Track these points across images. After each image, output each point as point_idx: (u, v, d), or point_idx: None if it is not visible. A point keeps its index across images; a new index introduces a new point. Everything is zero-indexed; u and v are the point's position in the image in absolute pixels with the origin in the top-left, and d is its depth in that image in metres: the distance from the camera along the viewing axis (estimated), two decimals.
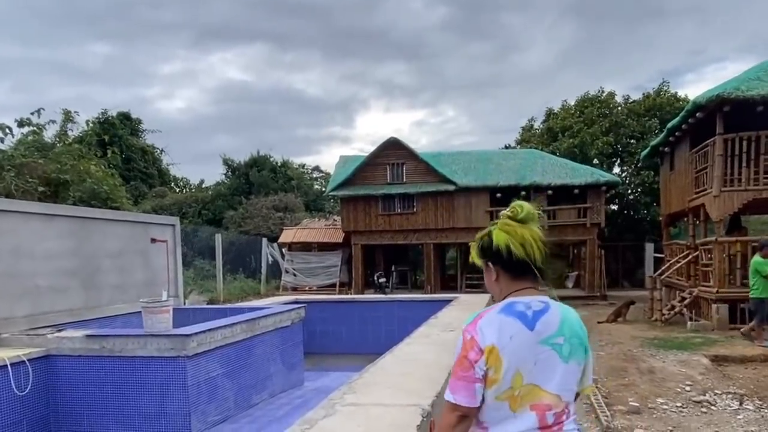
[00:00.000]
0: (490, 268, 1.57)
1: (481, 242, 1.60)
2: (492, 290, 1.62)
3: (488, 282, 1.61)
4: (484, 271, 1.62)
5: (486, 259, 1.58)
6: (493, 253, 1.53)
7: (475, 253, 1.62)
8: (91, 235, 6.27)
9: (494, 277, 1.57)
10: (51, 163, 13.92)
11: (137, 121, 34.28)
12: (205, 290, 16.65)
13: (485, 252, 1.57)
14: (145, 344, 4.80)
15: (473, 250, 1.63)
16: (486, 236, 1.58)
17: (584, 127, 23.66)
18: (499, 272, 1.55)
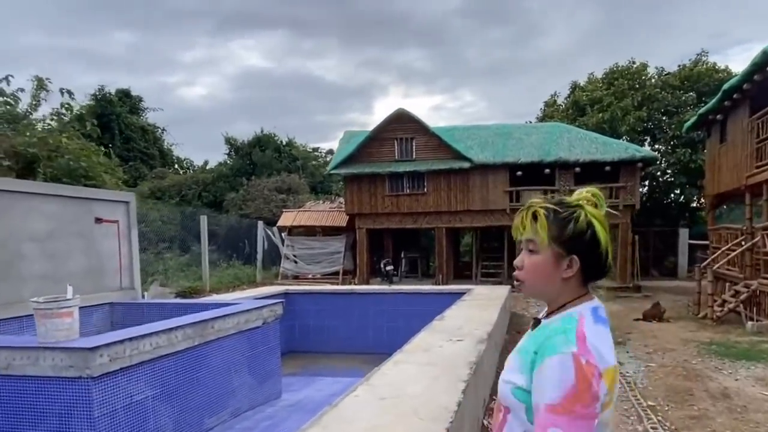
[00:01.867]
0: (567, 262, 1.20)
1: (566, 223, 1.20)
2: (546, 289, 1.25)
3: (548, 277, 1.23)
4: (543, 259, 1.22)
5: (568, 249, 1.20)
6: (581, 243, 1.19)
7: (547, 235, 1.20)
8: (5, 211, 4.88)
9: (569, 274, 1.21)
10: (19, 135, 12.66)
11: (137, 98, 32.98)
12: (196, 278, 15.31)
13: (571, 238, 1.19)
14: (37, 359, 3.44)
15: (543, 230, 1.21)
16: (572, 216, 1.20)
17: (614, 100, 21.74)
18: (576, 271, 1.21)
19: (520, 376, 1.19)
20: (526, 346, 1.23)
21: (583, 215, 1.21)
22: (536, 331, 1.26)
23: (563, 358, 1.11)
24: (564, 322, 1.19)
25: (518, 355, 1.24)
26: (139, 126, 31.26)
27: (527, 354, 1.19)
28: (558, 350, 1.12)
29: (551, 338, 1.16)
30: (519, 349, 1.26)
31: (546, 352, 1.14)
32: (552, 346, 1.14)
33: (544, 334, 1.20)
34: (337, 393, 5.93)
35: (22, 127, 13.27)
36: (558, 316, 1.23)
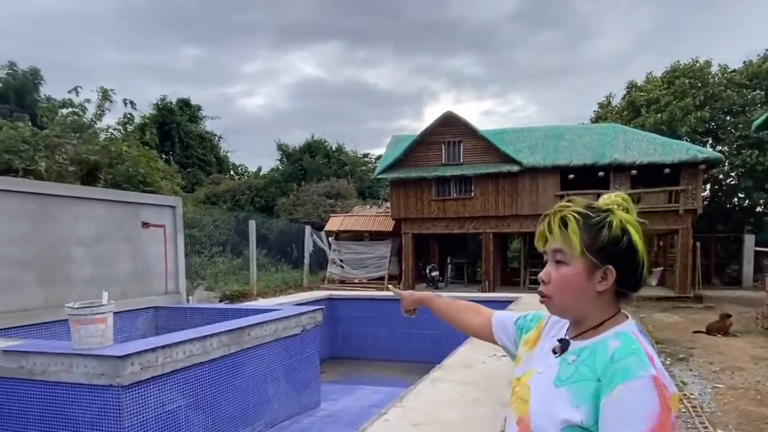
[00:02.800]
0: (602, 273, 1.08)
1: (599, 229, 1.07)
2: (578, 305, 1.11)
3: (580, 292, 1.09)
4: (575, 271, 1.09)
5: (602, 259, 1.07)
6: (617, 252, 1.07)
7: (579, 242, 1.07)
8: (55, 216, 5.03)
9: (603, 287, 1.08)
10: (84, 144, 13.30)
11: (196, 107, 34.19)
12: (245, 282, 15.56)
13: (605, 247, 1.07)
14: (71, 366, 3.45)
15: (575, 237, 1.07)
16: (605, 221, 1.08)
17: (673, 100, 20.67)
18: (611, 283, 1.08)
19: (575, 410, 1.01)
20: (574, 375, 1.06)
21: (616, 221, 1.09)
22: (580, 355, 1.09)
23: (644, 383, 0.95)
24: (625, 341, 1.04)
25: (565, 387, 1.06)
26: (197, 134, 32.38)
27: (584, 382, 1.03)
28: (635, 374, 0.96)
29: (620, 361, 0.99)
30: (559, 378, 1.09)
31: (618, 378, 0.97)
32: (625, 370, 0.97)
33: (600, 358, 1.03)
34: (375, 404, 5.80)
35: (87, 136, 13.93)
36: (604, 335, 1.08)
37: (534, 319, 1.36)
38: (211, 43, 62.64)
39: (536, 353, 1.24)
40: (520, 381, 1.21)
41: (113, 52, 54.02)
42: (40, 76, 26.01)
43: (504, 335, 1.42)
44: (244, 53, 65.01)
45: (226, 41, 64.06)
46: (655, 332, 10.29)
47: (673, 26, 54.58)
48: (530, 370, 1.20)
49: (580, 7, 61.99)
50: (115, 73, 51.29)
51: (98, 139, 13.87)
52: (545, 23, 68.65)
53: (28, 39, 47.66)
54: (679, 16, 55.12)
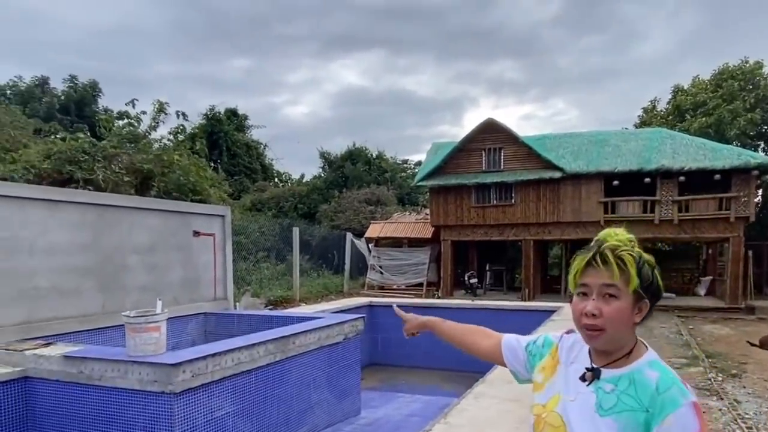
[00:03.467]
0: (639, 306, 1.19)
1: (642, 266, 1.18)
2: (624, 338, 1.19)
3: (628, 325, 1.18)
4: (627, 306, 1.17)
5: (645, 294, 1.18)
6: (652, 288, 1.20)
7: (637, 278, 1.16)
8: (113, 226, 5.28)
9: (638, 320, 1.20)
10: (139, 153, 13.89)
11: (243, 117, 35.16)
12: (288, 288, 15.87)
13: (648, 284, 1.19)
14: (126, 372, 3.62)
15: (634, 274, 1.16)
16: (644, 262, 1.19)
17: (722, 103, 19.93)
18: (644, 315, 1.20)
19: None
20: (618, 404, 1.14)
21: (645, 259, 1.20)
22: (617, 384, 1.17)
23: (688, 410, 1.09)
24: (663, 373, 1.15)
25: (611, 417, 1.13)
26: (243, 143, 33.28)
27: (631, 413, 1.12)
28: (680, 403, 1.09)
29: (666, 393, 1.11)
30: (602, 408, 1.15)
31: (667, 408, 1.09)
32: (672, 401, 1.10)
33: (643, 389, 1.13)
34: (415, 413, 5.85)
35: (141, 146, 14.54)
36: (638, 365, 1.18)
37: (545, 345, 1.40)
38: (258, 54, 64.73)
39: (559, 380, 1.28)
40: (546, 407, 1.26)
41: (167, 64, 56.67)
42: (99, 88, 27.31)
43: (514, 359, 1.47)
44: (289, 63, 66.77)
45: (272, 52, 66.01)
46: (704, 345, 9.94)
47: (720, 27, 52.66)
48: (555, 396, 1.26)
49: (624, 10, 60.69)
50: (168, 84, 53.82)
51: (151, 149, 14.45)
52: (588, 27, 67.50)
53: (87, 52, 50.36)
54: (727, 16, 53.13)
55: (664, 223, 15.94)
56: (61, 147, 12.76)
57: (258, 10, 62.09)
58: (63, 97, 25.91)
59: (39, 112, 23.48)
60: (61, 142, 13.56)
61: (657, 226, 16.00)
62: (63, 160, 12.03)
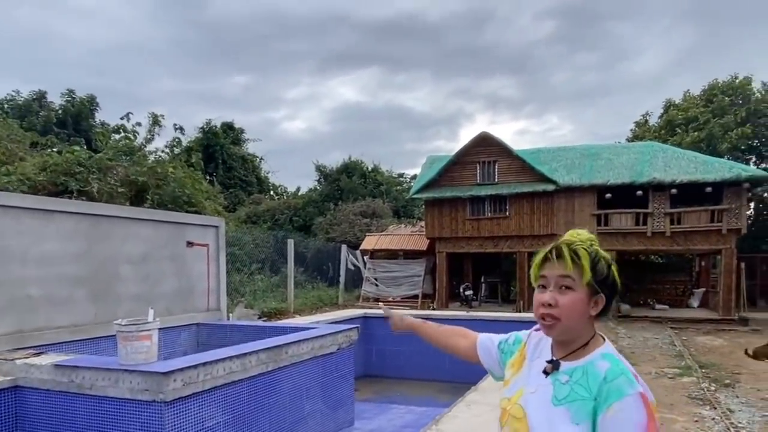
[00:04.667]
0: (595, 300, 1.25)
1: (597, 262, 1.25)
2: (578, 328, 1.25)
3: (582, 316, 1.24)
4: (581, 297, 1.23)
5: (600, 288, 1.24)
6: (608, 283, 1.25)
7: (590, 272, 1.22)
8: (106, 236, 5.28)
9: (594, 313, 1.25)
10: (134, 166, 13.92)
11: (239, 130, 35.31)
12: (283, 299, 15.83)
13: (603, 278, 1.24)
14: (117, 381, 3.60)
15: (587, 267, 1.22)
16: (599, 258, 1.26)
17: (713, 117, 20.19)
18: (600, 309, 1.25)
19: (577, 427, 1.15)
20: (571, 394, 1.19)
21: (602, 257, 1.26)
22: (572, 375, 1.22)
23: (633, 399, 1.12)
24: (613, 363, 1.19)
25: (564, 406, 1.19)
26: (239, 156, 33.38)
27: (582, 402, 1.16)
28: (626, 392, 1.12)
29: (612, 382, 1.15)
30: (557, 398, 1.21)
31: (612, 396, 1.13)
32: (618, 390, 1.13)
33: (593, 379, 1.17)
34: (409, 424, 5.83)
35: (137, 158, 14.56)
36: (592, 356, 1.23)
37: (515, 342, 1.48)
38: (258, 71, 65.71)
39: (523, 374, 1.35)
40: (510, 401, 1.32)
41: (168, 80, 57.58)
42: (96, 103, 27.38)
43: (488, 358, 1.54)
44: (288, 80, 67.79)
45: (271, 69, 67.04)
46: (697, 356, 9.96)
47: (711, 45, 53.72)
48: (520, 389, 1.31)
49: (617, 29, 61.99)
50: (169, 100, 54.65)
51: (147, 162, 14.49)
52: (582, 45, 68.87)
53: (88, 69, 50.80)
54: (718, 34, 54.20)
55: (656, 236, 16.04)
56: (56, 159, 12.79)
57: (258, 29, 63.04)
58: (60, 111, 25.98)
59: (36, 126, 23.51)
60: (57, 155, 13.59)
61: (649, 238, 16.10)
62: (58, 172, 12.06)
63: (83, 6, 51.58)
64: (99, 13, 53.74)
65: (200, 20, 59.79)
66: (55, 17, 48.70)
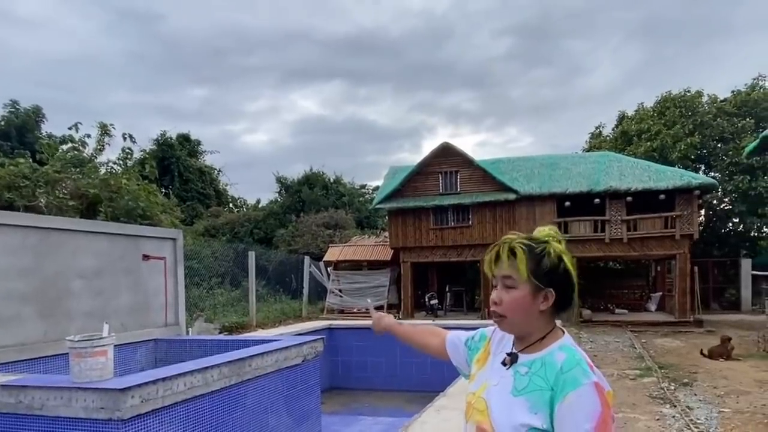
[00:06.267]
0: (544, 295, 1.26)
1: (541, 258, 1.25)
2: (525, 323, 1.28)
3: (527, 311, 1.26)
4: (522, 294, 1.26)
5: (544, 283, 1.25)
6: (556, 277, 1.26)
7: (526, 270, 1.24)
8: (56, 250, 5.03)
9: (545, 307, 1.26)
10: (84, 178, 13.40)
11: (196, 142, 34.59)
12: (244, 313, 15.48)
13: (547, 272, 1.25)
14: (70, 400, 3.39)
15: (522, 265, 1.25)
16: (545, 251, 1.26)
17: (664, 128, 21.02)
18: (551, 303, 1.26)
19: (535, 416, 1.18)
20: (530, 385, 1.22)
21: (553, 250, 1.26)
22: (531, 367, 1.25)
23: (588, 389, 1.15)
24: (569, 354, 1.22)
25: (523, 396, 1.21)
26: (196, 168, 32.65)
27: (539, 392, 1.19)
28: (580, 382, 1.16)
29: (568, 372, 1.18)
30: (516, 389, 1.24)
31: (567, 386, 1.16)
32: (573, 380, 1.16)
33: (550, 370, 1.20)
34: None
35: (87, 170, 14.02)
36: (550, 348, 1.25)
37: (481, 339, 1.52)
38: (217, 84, 64.94)
39: (487, 369, 1.39)
40: (475, 395, 1.36)
41: (124, 93, 56.11)
42: (42, 114, 26.34)
43: (456, 355, 1.58)
44: (248, 93, 67.16)
45: (231, 82, 66.39)
46: (657, 357, 10.22)
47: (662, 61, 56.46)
48: (484, 384, 1.35)
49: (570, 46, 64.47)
50: (125, 113, 53.40)
51: (98, 174, 13.97)
52: (537, 61, 71.25)
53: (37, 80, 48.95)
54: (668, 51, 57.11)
55: (614, 242, 16.50)
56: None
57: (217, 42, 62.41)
58: (3, 123, 24.87)
59: None
60: None
61: (608, 244, 16.54)
62: (2, 187, 11.48)
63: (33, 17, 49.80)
64: (50, 24, 52.08)
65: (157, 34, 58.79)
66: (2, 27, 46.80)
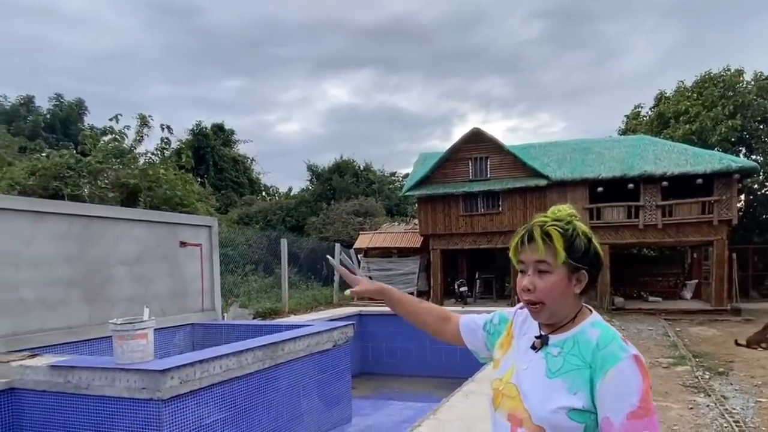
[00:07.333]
0: (577, 277, 1.22)
1: (574, 239, 1.21)
2: (563, 307, 1.23)
3: (565, 296, 1.22)
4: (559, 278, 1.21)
5: (579, 264, 1.21)
6: (587, 257, 1.22)
7: (563, 252, 1.19)
8: (99, 237, 5.25)
9: (579, 290, 1.23)
10: (124, 168, 13.83)
11: (230, 132, 35.17)
12: (277, 300, 15.80)
13: (582, 255, 1.21)
14: (114, 380, 3.59)
15: (560, 248, 1.19)
16: (575, 231, 1.22)
17: (703, 110, 20.33)
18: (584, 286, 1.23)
19: (574, 397, 1.15)
20: (565, 365, 1.19)
21: (580, 230, 1.23)
22: (563, 347, 1.22)
23: (628, 362, 1.12)
24: (603, 330, 1.20)
25: (559, 378, 1.18)
26: (231, 157, 33.27)
27: (577, 371, 1.17)
28: (620, 357, 1.13)
29: (605, 348, 1.15)
30: (551, 371, 1.21)
31: (607, 362, 1.13)
32: (612, 355, 1.13)
33: (585, 348, 1.18)
34: (407, 419, 5.84)
35: (127, 161, 14.47)
36: (581, 326, 1.23)
37: (501, 321, 1.45)
38: (251, 75, 66.40)
39: (512, 353, 1.34)
40: (502, 380, 1.31)
41: (161, 86, 58.28)
42: (85, 107, 27.24)
43: (474, 340, 1.50)
44: (281, 83, 68.21)
45: (265, 73, 67.62)
46: (691, 345, 10.05)
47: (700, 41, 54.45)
48: (511, 368, 1.30)
49: (605, 28, 62.75)
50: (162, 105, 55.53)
51: (137, 164, 14.40)
52: (570, 45, 69.82)
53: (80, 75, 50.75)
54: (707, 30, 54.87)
55: (648, 228, 16.14)
56: (45, 164, 12.68)
57: (251, 34, 63.28)
58: (48, 115, 25.83)
59: (24, 130, 23.38)
60: (46, 159, 13.47)
61: (642, 231, 16.20)
62: (48, 177, 11.96)
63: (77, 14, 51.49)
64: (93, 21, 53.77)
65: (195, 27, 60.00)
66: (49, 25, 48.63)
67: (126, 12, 56.38)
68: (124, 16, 55.92)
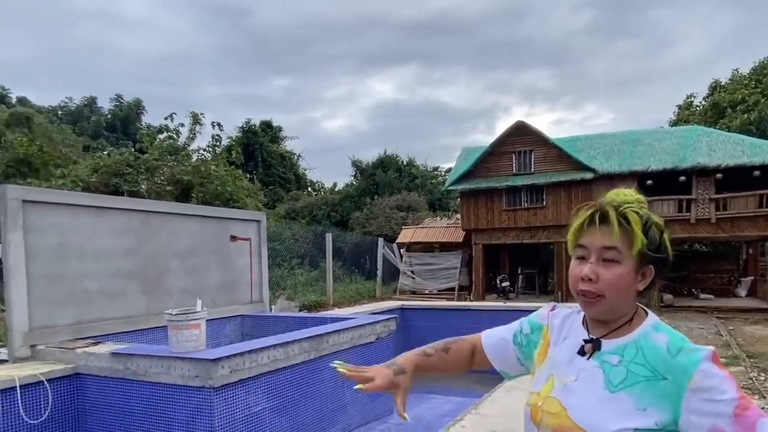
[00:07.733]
0: (643, 272, 1.07)
1: (648, 228, 1.06)
2: (625, 305, 1.08)
3: (629, 292, 1.06)
4: (628, 271, 1.05)
5: (648, 258, 1.05)
6: (658, 252, 1.06)
7: (640, 241, 1.03)
8: (156, 231, 5.54)
9: (643, 287, 1.08)
10: (179, 165, 14.42)
11: (278, 128, 35.97)
12: (322, 293, 16.13)
13: (654, 248, 1.06)
14: (169, 368, 3.81)
15: (638, 235, 1.03)
16: (652, 222, 1.07)
17: (762, 98, 19.36)
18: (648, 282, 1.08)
19: (644, 413, 0.99)
20: (629, 377, 1.03)
21: (654, 220, 1.08)
22: (623, 354, 1.06)
23: (708, 362, 0.98)
24: (670, 334, 1.04)
25: (624, 391, 1.02)
26: (278, 153, 34.07)
27: (646, 383, 1.01)
28: (700, 357, 0.98)
29: (679, 354, 1.00)
30: (612, 383, 1.04)
31: (689, 368, 0.98)
32: (691, 361, 0.98)
33: (653, 355, 1.02)
34: (448, 413, 5.90)
35: (181, 158, 15.07)
36: (641, 330, 1.07)
37: (534, 330, 1.28)
38: (299, 73, 68.55)
39: (549, 362, 1.18)
40: (540, 395, 1.14)
41: (213, 86, 61.40)
42: (143, 106, 28.50)
43: (504, 359, 1.31)
44: (327, 81, 70.08)
45: (311, 71, 69.72)
46: (745, 345, 9.67)
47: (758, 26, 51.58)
48: (550, 380, 1.14)
49: (656, 15, 60.41)
50: (214, 104, 57.93)
51: (190, 161, 14.98)
52: (620, 34, 67.58)
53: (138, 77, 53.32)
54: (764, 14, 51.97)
55: (701, 223, 15.55)
56: (107, 161, 13.38)
57: (298, 33, 64.35)
58: (109, 115, 27.13)
59: (87, 130, 24.65)
60: (107, 157, 14.20)
61: (693, 225, 15.62)
62: (109, 174, 12.62)
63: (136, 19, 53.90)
64: (151, 24, 56.18)
65: (246, 28, 61.61)
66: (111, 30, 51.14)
67: (180, 13, 58.50)
68: (179, 17, 58.02)
